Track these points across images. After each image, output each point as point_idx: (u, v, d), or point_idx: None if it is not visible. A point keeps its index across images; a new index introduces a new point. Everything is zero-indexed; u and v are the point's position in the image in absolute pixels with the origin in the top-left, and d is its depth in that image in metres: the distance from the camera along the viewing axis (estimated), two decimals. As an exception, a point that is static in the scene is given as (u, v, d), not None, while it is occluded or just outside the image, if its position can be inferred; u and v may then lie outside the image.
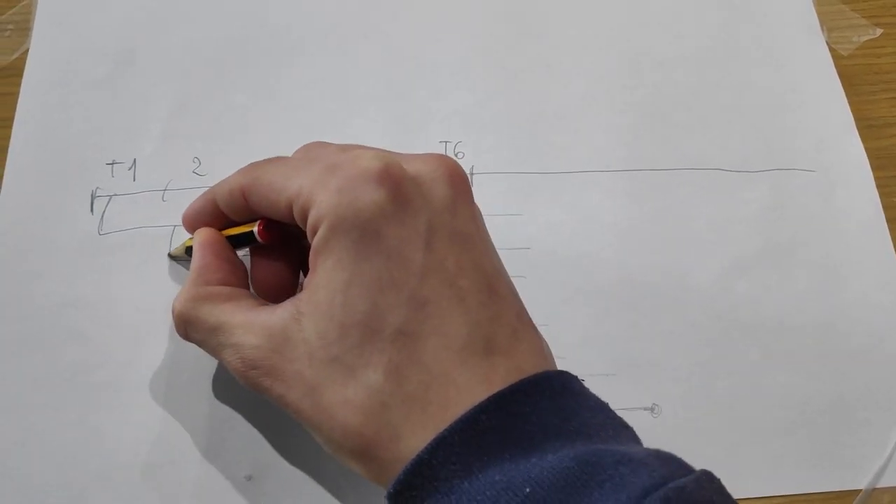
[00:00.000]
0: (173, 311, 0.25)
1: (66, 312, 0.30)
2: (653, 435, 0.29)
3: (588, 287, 0.32)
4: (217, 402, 0.29)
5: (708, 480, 0.20)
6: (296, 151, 0.26)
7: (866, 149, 0.35)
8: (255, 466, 0.28)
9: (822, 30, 0.37)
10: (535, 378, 0.22)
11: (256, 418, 0.29)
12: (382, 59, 0.36)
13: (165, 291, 0.31)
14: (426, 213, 0.23)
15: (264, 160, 0.26)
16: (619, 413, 0.29)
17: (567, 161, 0.34)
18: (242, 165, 0.33)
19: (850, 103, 0.36)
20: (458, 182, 0.24)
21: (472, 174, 0.34)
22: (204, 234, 0.27)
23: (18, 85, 0.35)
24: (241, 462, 0.28)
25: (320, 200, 0.22)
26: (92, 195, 0.33)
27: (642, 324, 0.31)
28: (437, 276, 0.22)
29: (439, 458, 0.20)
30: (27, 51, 0.36)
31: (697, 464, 0.29)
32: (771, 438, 0.30)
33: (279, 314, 0.23)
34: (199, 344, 0.25)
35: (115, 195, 0.33)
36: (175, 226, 0.32)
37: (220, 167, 0.33)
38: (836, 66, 0.36)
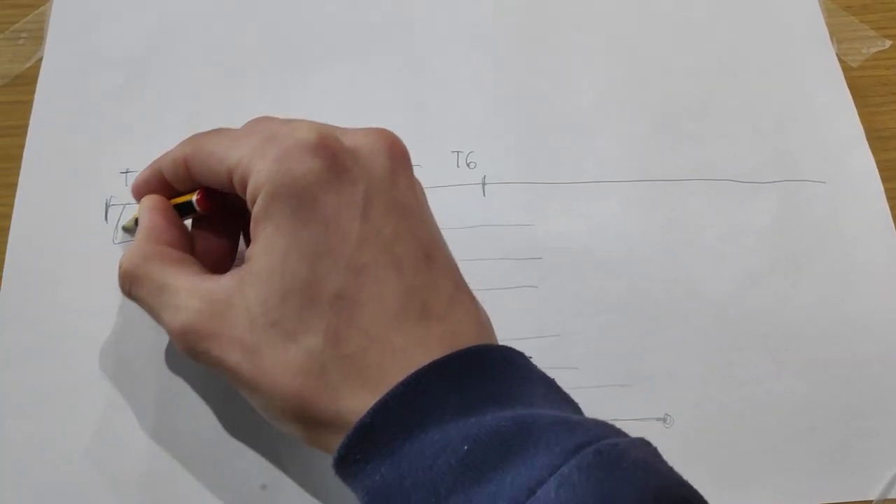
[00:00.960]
0: (120, 267, 0.26)
1: (81, 320, 0.30)
2: (665, 445, 0.29)
3: (600, 297, 0.32)
4: (232, 412, 0.29)
5: (644, 444, 0.21)
6: (243, 126, 0.27)
7: (876, 160, 0.35)
8: (270, 476, 0.28)
9: (832, 41, 0.38)
10: (477, 349, 0.22)
11: (271, 428, 0.29)
12: (395, 69, 0.36)
13: (179, 300, 0.31)
14: (363, 183, 0.23)
15: (207, 131, 0.27)
16: (631, 424, 0.29)
17: (578, 171, 0.34)
18: None
19: (860, 115, 0.36)
20: (398, 154, 0.25)
21: (484, 184, 0.34)
22: (153, 199, 0.27)
23: (32, 93, 0.35)
24: (256, 471, 0.28)
25: (258, 170, 0.23)
26: (106, 204, 0.33)
27: (654, 334, 0.31)
28: (374, 243, 0.23)
29: (381, 422, 0.21)
30: (41, 59, 0.36)
31: (709, 473, 0.29)
32: (782, 448, 0.30)
33: (223, 282, 0.24)
34: (140, 301, 0.26)
35: (130, 204, 0.33)
36: (189, 235, 0.32)
37: (233, 176, 0.33)
38: (846, 77, 0.37)
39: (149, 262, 0.25)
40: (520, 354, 0.23)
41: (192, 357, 0.24)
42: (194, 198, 0.26)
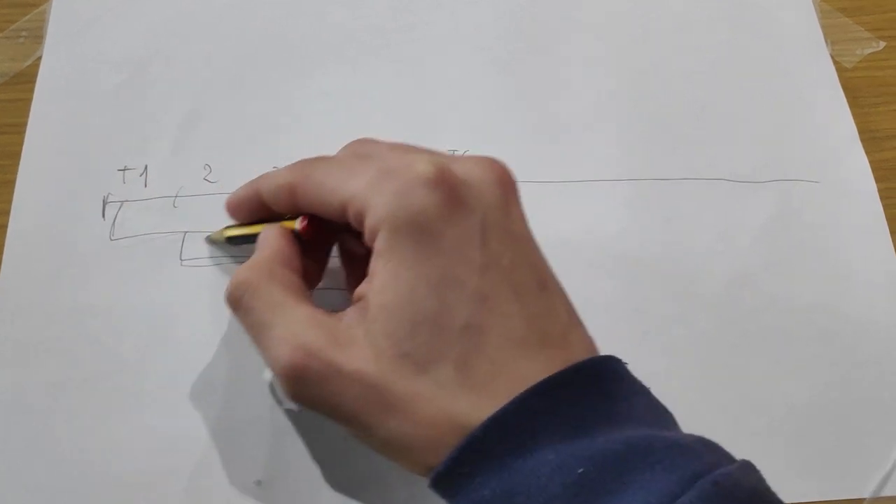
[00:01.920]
0: (237, 275, 0.25)
1: (79, 317, 0.31)
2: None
3: (595, 297, 0.32)
4: (228, 408, 0.29)
5: (751, 469, 0.22)
6: (343, 148, 0.27)
7: (870, 160, 0.35)
8: (266, 472, 0.28)
9: (827, 43, 0.38)
10: (584, 363, 0.22)
11: (267, 423, 0.29)
12: (393, 71, 0.36)
13: (177, 296, 0.31)
14: (480, 214, 0.23)
15: (314, 158, 0.27)
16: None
17: (574, 171, 0.34)
18: (254, 173, 0.33)
19: (854, 115, 0.36)
20: (508, 183, 0.25)
21: (480, 183, 0.34)
22: (281, 228, 0.27)
23: (31, 91, 0.35)
24: (252, 467, 0.28)
25: (377, 204, 0.23)
26: (104, 201, 0.33)
27: (650, 334, 0.31)
28: (495, 272, 0.23)
29: (493, 437, 0.21)
30: (40, 58, 0.36)
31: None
32: (775, 447, 0.30)
33: (344, 317, 0.24)
34: (251, 313, 0.25)
35: (127, 201, 0.33)
36: (186, 232, 0.32)
37: (230, 175, 0.33)
38: (840, 78, 0.37)
39: (273, 279, 0.25)
40: (619, 362, 0.24)
41: (298, 390, 0.23)
42: (298, 226, 0.26)
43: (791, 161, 0.35)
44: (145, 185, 0.33)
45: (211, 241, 0.32)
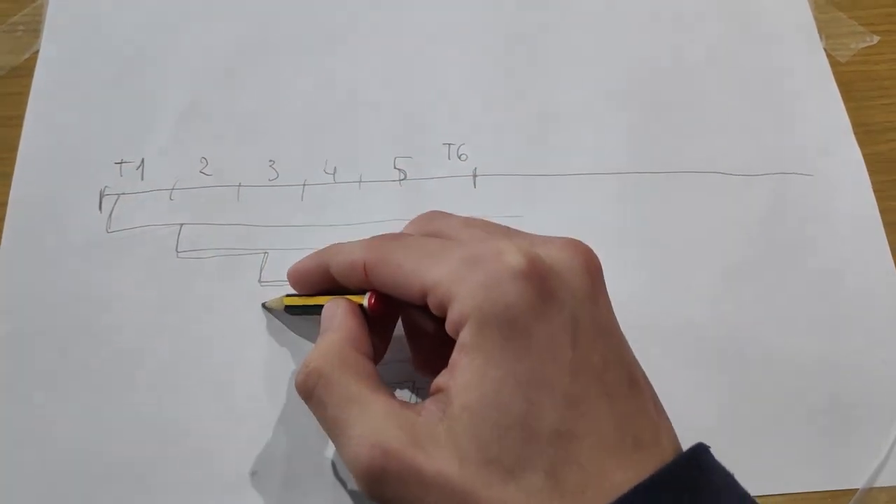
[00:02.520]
0: (308, 363, 0.24)
1: (76, 310, 0.31)
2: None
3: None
4: (223, 398, 0.29)
5: None
6: (412, 224, 0.27)
7: (864, 154, 0.35)
8: (260, 462, 0.28)
9: (821, 37, 0.38)
10: (675, 463, 0.22)
11: (261, 414, 0.29)
12: (389, 64, 0.36)
13: (173, 289, 0.31)
14: (570, 307, 0.22)
15: (388, 236, 0.26)
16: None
17: (568, 164, 0.35)
18: (250, 166, 0.34)
19: (848, 109, 0.36)
20: (595, 270, 0.24)
21: (475, 176, 0.34)
22: (349, 304, 0.26)
23: (29, 85, 0.35)
24: (247, 458, 0.29)
25: (464, 296, 0.22)
26: (100, 194, 0.33)
27: (643, 327, 0.31)
28: (586, 372, 0.22)
29: None
30: (37, 52, 0.36)
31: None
32: (769, 438, 0.30)
33: (425, 412, 0.22)
34: (323, 406, 0.23)
35: (124, 194, 0.33)
36: (182, 224, 0.32)
37: (226, 167, 0.34)
38: (834, 72, 0.37)
39: (345, 368, 0.24)
40: (707, 451, 0.23)
41: (376, 491, 0.22)
42: (366, 302, 0.25)
43: (785, 154, 0.35)
44: (142, 178, 0.33)
45: (268, 308, 0.31)
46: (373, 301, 0.25)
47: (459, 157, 0.34)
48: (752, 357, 0.31)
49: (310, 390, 0.24)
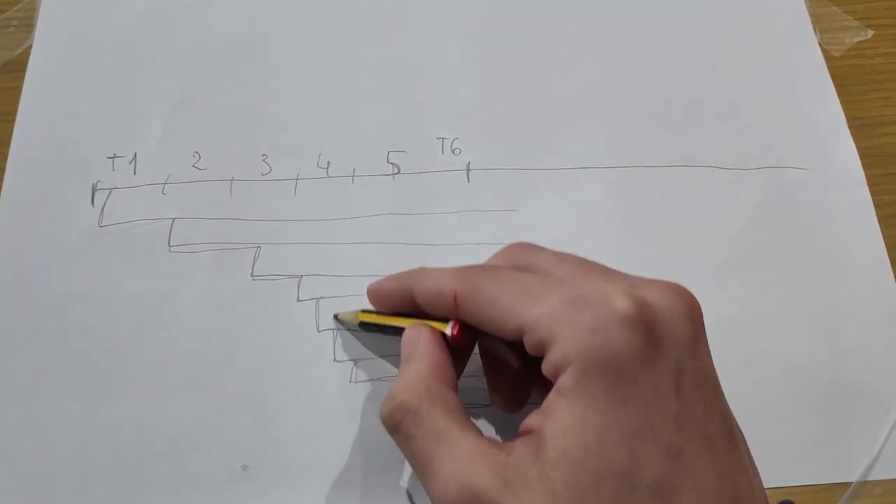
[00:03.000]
0: (395, 395, 0.23)
1: (68, 304, 0.31)
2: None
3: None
4: (215, 394, 0.29)
5: None
6: (502, 255, 0.26)
7: (858, 147, 0.35)
8: (252, 456, 0.28)
9: (815, 31, 0.38)
10: None
11: (252, 408, 0.29)
12: (382, 57, 0.36)
13: (165, 283, 0.31)
14: (674, 355, 0.22)
15: (480, 268, 0.25)
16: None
17: (563, 158, 0.34)
18: (243, 160, 0.34)
19: (843, 103, 0.36)
20: (697, 317, 0.23)
21: (468, 170, 0.34)
22: (432, 332, 0.25)
23: (21, 80, 0.35)
24: (238, 452, 0.28)
25: (568, 338, 0.21)
26: (93, 188, 0.33)
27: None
28: (689, 423, 0.21)
29: None
30: (30, 47, 0.36)
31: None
32: (763, 431, 0.30)
33: (516, 453, 0.21)
34: (410, 440, 0.23)
35: (116, 188, 0.33)
36: (174, 218, 0.32)
37: (219, 162, 0.34)
38: (829, 66, 0.37)
39: (434, 402, 0.23)
40: None
41: None
42: (449, 331, 0.25)
43: (780, 148, 0.35)
44: (134, 173, 0.33)
45: (340, 320, 0.30)
46: (457, 331, 0.25)
47: (453, 152, 0.34)
48: (746, 351, 0.31)
49: (396, 424, 0.23)
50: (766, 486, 0.28)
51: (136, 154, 0.34)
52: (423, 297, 0.25)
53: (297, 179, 0.33)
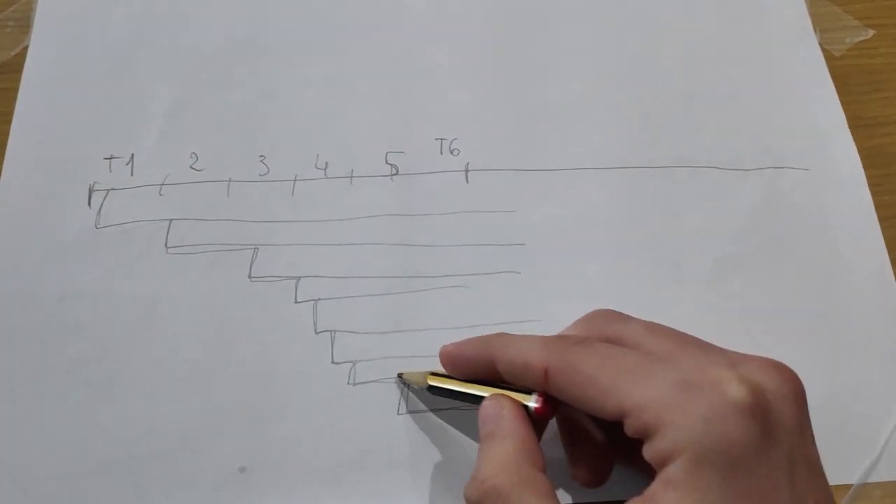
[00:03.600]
0: (484, 479, 0.22)
1: (65, 306, 0.30)
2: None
3: (582, 282, 0.32)
4: (212, 394, 0.29)
5: None
6: (585, 324, 0.25)
7: (858, 148, 0.35)
8: (249, 458, 0.28)
9: (815, 31, 0.38)
10: None
11: (250, 410, 0.29)
12: (381, 58, 0.36)
13: (162, 285, 0.31)
14: (786, 443, 0.21)
15: (571, 341, 0.24)
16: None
17: (562, 158, 0.34)
18: (240, 161, 0.33)
19: (843, 103, 0.36)
20: (803, 400, 0.22)
21: (467, 170, 0.34)
22: (517, 409, 0.24)
23: (18, 80, 0.35)
24: (235, 454, 0.28)
25: (679, 427, 0.20)
26: (90, 189, 0.33)
27: (636, 319, 0.31)
28: None
29: None
30: (27, 47, 0.36)
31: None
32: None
33: None
34: None
35: (113, 189, 0.33)
36: (171, 220, 0.32)
37: (217, 163, 0.33)
38: (829, 66, 0.37)
39: (524, 486, 0.22)
40: None
41: None
42: (533, 404, 0.24)
43: (780, 149, 0.35)
44: (131, 174, 0.33)
45: (404, 380, 0.29)
46: (541, 405, 0.23)
47: (452, 152, 0.34)
48: (744, 351, 0.31)
49: None
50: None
51: (133, 155, 0.33)
52: (506, 368, 0.24)
53: (294, 180, 0.33)
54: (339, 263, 0.32)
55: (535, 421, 0.24)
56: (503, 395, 0.24)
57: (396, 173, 0.34)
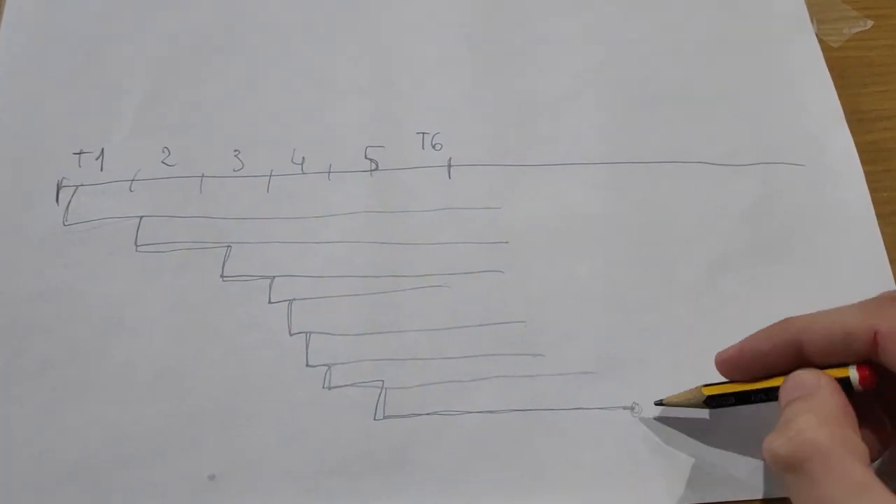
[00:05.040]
0: (801, 430, 0.21)
1: (32, 305, 0.30)
2: (633, 434, 0.28)
3: (568, 282, 0.31)
4: (182, 400, 0.28)
5: None
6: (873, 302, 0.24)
7: (856, 142, 0.34)
8: (219, 465, 0.28)
9: (812, 21, 0.37)
10: None
11: (221, 415, 0.28)
12: (360, 49, 0.35)
13: (132, 284, 0.30)
14: None
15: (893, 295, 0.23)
16: (597, 413, 0.28)
17: (548, 153, 0.33)
18: (213, 156, 0.33)
19: (841, 96, 0.35)
20: None
21: (449, 166, 0.33)
22: (832, 381, 0.23)
23: (-14, 73, 0.34)
24: (205, 460, 0.28)
25: None
26: (58, 185, 0.32)
27: (624, 321, 0.30)
28: None
29: None
30: (-4, 39, 0.35)
31: (678, 465, 0.28)
32: (755, 439, 0.28)
33: None
34: (808, 484, 0.21)
35: (82, 185, 0.32)
36: (142, 217, 0.32)
37: (189, 158, 0.33)
38: (827, 58, 0.36)
39: (849, 451, 0.20)
40: None
41: None
42: (853, 374, 0.22)
43: (775, 143, 0.34)
44: (101, 169, 0.33)
45: (670, 404, 0.28)
46: (867, 374, 0.22)
47: (434, 147, 0.33)
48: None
49: (798, 461, 0.21)
50: (769, 494, 0.28)
51: (103, 150, 0.33)
52: (821, 344, 0.23)
53: (270, 176, 0.32)
54: (315, 262, 0.31)
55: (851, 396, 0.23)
56: (812, 370, 0.23)
57: (376, 168, 0.33)
